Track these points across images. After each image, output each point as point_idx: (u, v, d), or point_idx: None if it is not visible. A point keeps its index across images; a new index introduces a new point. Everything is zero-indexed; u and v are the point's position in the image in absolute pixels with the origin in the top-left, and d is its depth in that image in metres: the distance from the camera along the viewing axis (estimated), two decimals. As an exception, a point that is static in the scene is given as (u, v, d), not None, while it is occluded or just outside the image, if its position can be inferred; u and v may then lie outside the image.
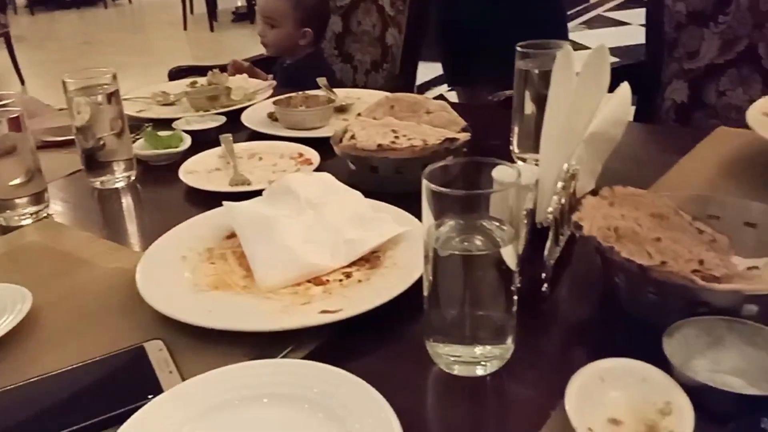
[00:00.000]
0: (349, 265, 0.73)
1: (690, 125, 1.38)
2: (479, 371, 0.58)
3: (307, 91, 1.33)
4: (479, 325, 0.58)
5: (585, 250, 0.71)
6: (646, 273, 0.60)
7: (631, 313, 0.64)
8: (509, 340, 0.58)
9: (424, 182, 0.54)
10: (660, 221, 0.71)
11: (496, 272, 0.55)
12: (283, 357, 0.60)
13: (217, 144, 1.13)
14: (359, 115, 1.08)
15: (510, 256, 0.55)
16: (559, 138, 0.71)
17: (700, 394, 0.51)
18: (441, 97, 2.68)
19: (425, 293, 0.58)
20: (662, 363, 0.53)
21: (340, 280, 0.70)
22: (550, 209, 0.67)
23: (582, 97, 0.70)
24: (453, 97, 2.20)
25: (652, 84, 1.45)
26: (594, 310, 0.69)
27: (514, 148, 0.99)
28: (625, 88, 0.78)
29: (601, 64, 0.68)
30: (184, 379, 0.56)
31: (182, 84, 1.50)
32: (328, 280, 0.70)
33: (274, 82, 1.48)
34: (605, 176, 0.91)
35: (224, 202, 0.81)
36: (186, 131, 1.19)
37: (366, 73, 1.93)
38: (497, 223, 0.56)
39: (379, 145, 0.91)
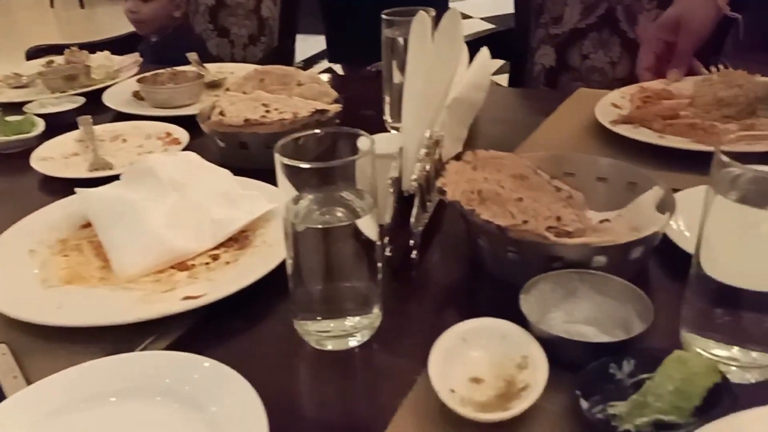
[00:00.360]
0: (217, 247, 0.70)
1: (558, 88, 1.44)
2: (352, 343, 0.58)
3: (175, 67, 1.26)
4: (346, 297, 0.57)
5: (454, 215, 0.73)
6: (504, 233, 0.61)
7: (496, 273, 0.66)
8: (376, 309, 0.58)
9: (277, 156, 0.52)
10: (521, 182, 0.73)
11: (357, 243, 0.55)
12: (143, 349, 0.57)
13: (76, 127, 1.05)
14: (227, 90, 1.04)
15: (369, 226, 0.54)
16: (419, 105, 0.71)
17: (554, 346, 0.53)
18: (329, 70, 2.64)
19: (288, 271, 0.56)
20: (523, 319, 0.55)
21: (207, 263, 0.68)
22: (413, 176, 0.67)
23: (438, 63, 0.70)
24: (341, 70, 2.18)
25: (523, 49, 1.49)
26: (462, 273, 0.71)
27: (387, 117, 0.99)
28: (484, 53, 0.80)
29: (454, 29, 0.68)
30: (30, 384, 0.51)
31: (37, 64, 1.38)
32: (193, 265, 0.67)
33: (140, 59, 1.40)
34: (477, 140, 0.93)
35: (77, 189, 0.75)
36: (39, 115, 1.10)
37: (244, 47, 1.86)
38: (356, 194, 0.55)
39: (247, 120, 0.88)
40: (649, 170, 0.74)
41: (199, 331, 0.61)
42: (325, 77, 1.44)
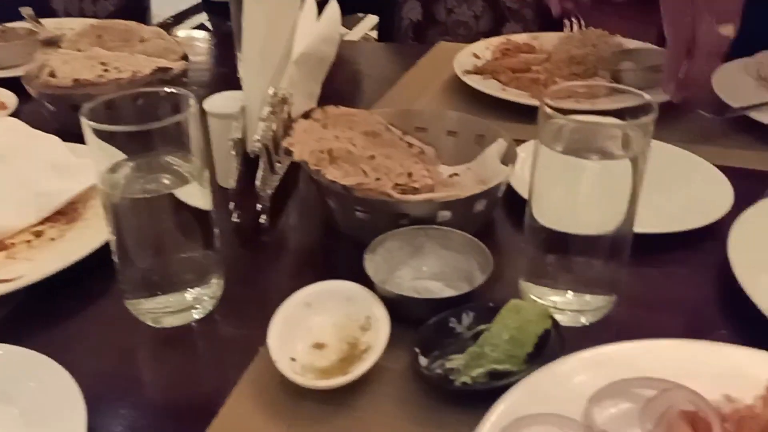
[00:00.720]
0: (42, 222, 0.64)
1: (426, 42, 1.43)
2: (196, 315, 0.55)
3: (4, 24, 1.13)
4: (181, 269, 0.54)
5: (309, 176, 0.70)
6: (350, 192, 0.60)
7: (348, 234, 0.65)
8: (215, 278, 0.55)
9: (84, 121, 0.47)
10: (373, 139, 0.72)
11: (186, 211, 0.51)
12: (-52, 342, 0.50)
13: None
14: (59, 47, 0.94)
15: (197, 192, 0.51)
16: (259, 61, 0.67)
17: (397, 305, 0.52)
18: (201, 26, 2.49)
19: (112, 248, 0.51)
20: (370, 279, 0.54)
21: (28, 241, 0.61)
22: (256, 137, 0.64)
23: (276, 16, 0.67)
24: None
25: (390, 4, 1.47)
26: (317, 236, 0.69)
27: (240, 74, 0.94)
28: (333, 6, 0.76)
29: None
30: None
31: None
32: (12, 243, 0.61)
33: (-38, 14, 1.23)
34: (338, 97, 0.90)
35: None
36: None
37: (93, 1, 1.70)
38: (184, 158, 0.51)
39: (77, 81, 0.80)
40: (499, 122, 0.74)
41: (20, 316, 0.55)
42: (200, 34, 1.35)
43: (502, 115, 0.84)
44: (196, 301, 0.55)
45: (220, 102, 0.70)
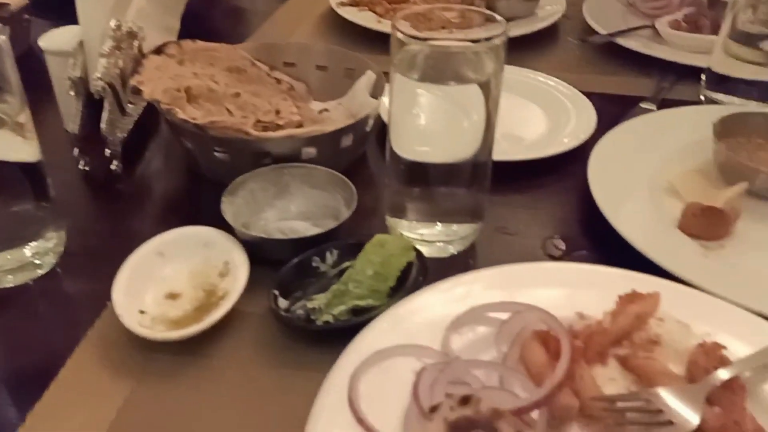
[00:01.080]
0: None
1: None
2: (39, 271, 0.50)
3: None
4: (13, 224, 0.48)
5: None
6: (205, 132, 0.56)
7: (210, 176, 0.61)
8: (53, 231, 0.50)
9: None
10: (238, 75, 0.67)
11: (4, 160, 0.45)
12: None
13: None
14: None
15: (15, 138, 0.45)
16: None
17: (258, 248, 0.50)
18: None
19: None
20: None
21: None
22: (97, 75, 0.58)
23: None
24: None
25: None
26: (179, 181, 0.64)
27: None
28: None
29: None
30: None
31: None
32: None
33: None
34: (209, 33, 0.83)
35: None
36: None
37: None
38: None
39: None
40: (375, 55, 0.71)
41: None
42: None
43: (379, 48, 0.81)
44: (36, 257, 0.50)
45: (59, 37, 0.63)
